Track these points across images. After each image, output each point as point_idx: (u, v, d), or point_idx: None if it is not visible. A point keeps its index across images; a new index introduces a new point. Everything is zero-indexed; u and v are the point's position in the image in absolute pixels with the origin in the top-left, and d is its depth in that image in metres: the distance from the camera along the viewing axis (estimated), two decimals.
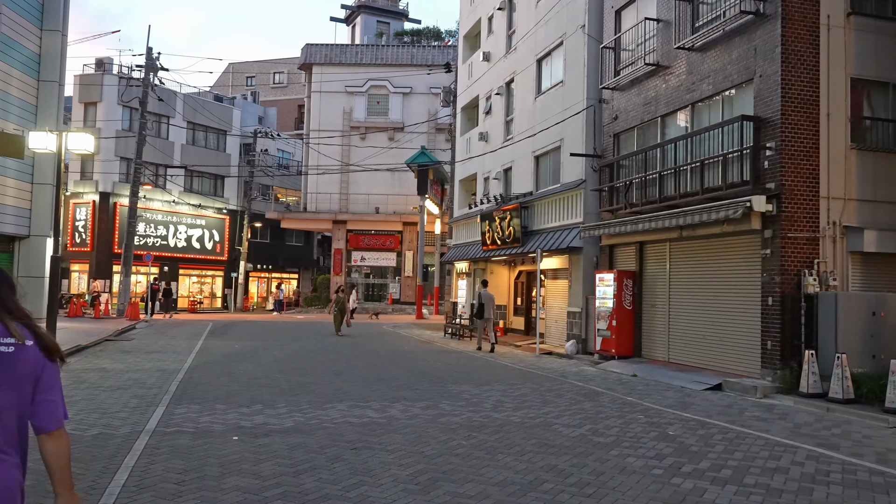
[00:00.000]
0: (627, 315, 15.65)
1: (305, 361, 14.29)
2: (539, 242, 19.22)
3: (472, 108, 28.17)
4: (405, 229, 40.59)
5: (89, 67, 40.64)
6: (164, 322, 27.15)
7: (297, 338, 20.88)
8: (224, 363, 13.62)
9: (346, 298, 23.11)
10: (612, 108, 17.00)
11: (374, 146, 40.09)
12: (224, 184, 44.77)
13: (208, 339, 19.42)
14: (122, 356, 14.56)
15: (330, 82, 41.47)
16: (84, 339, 17.73)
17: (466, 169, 27.19)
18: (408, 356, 16.22)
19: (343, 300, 22.45)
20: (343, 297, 22.55)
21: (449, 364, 14.65)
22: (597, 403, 9.84)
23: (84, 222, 38.46)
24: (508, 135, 23.22)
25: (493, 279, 24.22)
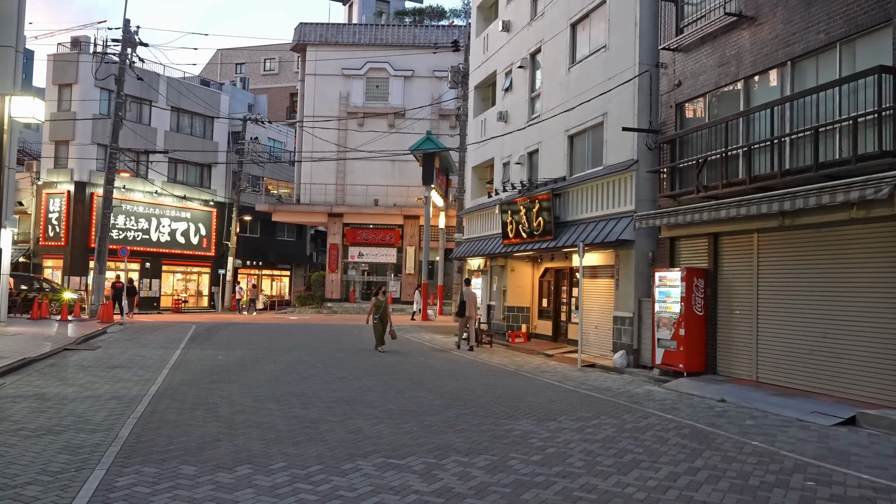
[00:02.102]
0: (698, 323, 12.84)
1: (305, 381, 11.39)
2: (577, 235, 16.39)
3: (487, 87, 25.29)
4: (406, 223, 37.69)
5: (64, 47, 37.54)
6: (140, 325, 24.13)
7: (292, 345, 17.97)
8: (202, 385, 10.70)
9: (388, 302, 18.07)
10: (673, 74, 14.16)
11: (374, 130, 37.15)
12: (211, 174, 41.74)
13: (188, 348, 16.48)
14: (74, 374, 11.61)
15: (325, 64, 38.47)
16: (36, 348, 14.75)
17: (481, 154, 24.32)
18: (430, 372, 13.34)
19: (386, 304, 17.32)
20: (385, 300, 17.39)
21: (484, 384, 11.79)
22: (721, 454, 7.01)
23: (58, 214, 35.41)
24: (533, 113, 20.37)
25: (514, 277, 21.40)
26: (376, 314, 17.01)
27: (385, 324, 17.07)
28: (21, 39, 18.96)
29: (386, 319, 17.12)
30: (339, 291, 37.77)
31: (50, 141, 35.94)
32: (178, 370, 12.40)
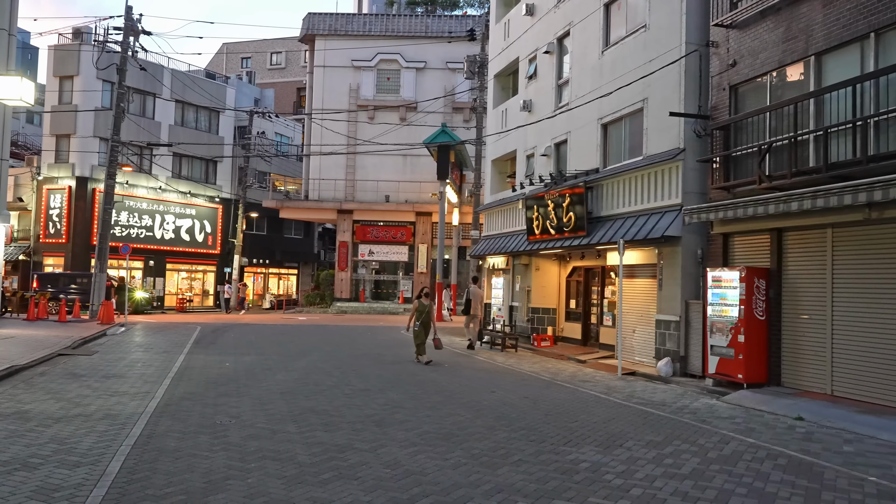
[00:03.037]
0: (759, 328, 11.52)
1: (324, 395, 10.11)
2: (615, 231, 15.08)
3: (508, 76, 23.98)
4: (418, 220, 36.41)
5: (65, 38, 36.34)
6: (143, 326, 22.90)
7: (304, 349, 16.71)
8: (207, 400, 9.43)
9: (432, 306, 15.73)
10: (726, 53, 12.83)
11: (386, 123, 35.86)
12: (216, 169, 40.53)
13: (192, 353, 15.24)
14: (65, 386, 10.37)
15: (335, 56, 37.20)
16: (27, 354, 13.53)
17: (502, 146, 23.01)
18: (459, 382, 12.06)
19: (429, 309, 15.12)
20: (429, 304, 15.23)
21: (524, 397, 10.50)
22: (844, 498, 5.72)
23: (59, 210, 34.23)
24: (561, 101, 19.05)
25: (539, 277, 20.10)
26: (418, 319, 14.80)
27: (428, 330, 14.90)
28: (14, 22, 17.74)
29: (429, 325, 14.98)
30: (348, 291, 36.52)
31: (51, 135, 34.77)
32: (180, 380, 11.14)
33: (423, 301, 15.07)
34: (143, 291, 33.60)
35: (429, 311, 14.98)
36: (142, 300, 32.16)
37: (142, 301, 32.12)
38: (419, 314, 14.83)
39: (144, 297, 32.68)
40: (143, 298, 32.54)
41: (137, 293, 32.15)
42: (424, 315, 14.84)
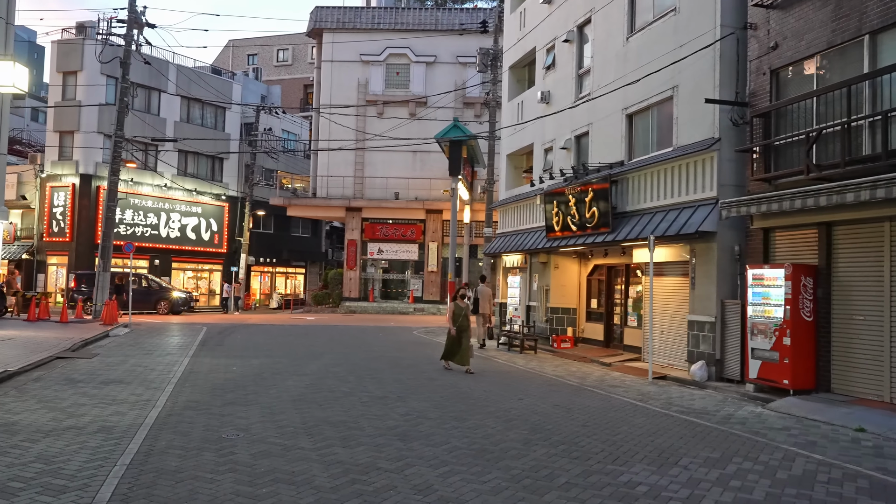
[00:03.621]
0: (807, 330, 10.69)
1: (339, 403, 9.33)
2: (642, 227, 14.26)
3: (523, 68, 23.16)
4: (429, 217, 35.61)
5: (69, 32, 35.70)
6: (147, 327, 22.19)
7: (315, 351, 15.94)
8: (213, 409, 8.66)
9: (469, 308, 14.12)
10: (766, 35, 11.98)
11: (396, 117, 35.07)
12: (223, 167, 39.86)
13: (197, 355, 14.48)
14: (59, 393, 9.61)
15: (343, 50, 36.43)
16: (23, 357, 12.79)
17: (517, 140, 22.20)
18: (482, 387, 11.27)
19: (467, 311, 13.63)
20: (467, 306, 13.78)
21: (555, 405, 9.70)
22: None
23: (62, 209, 33.58)
24: (582, 92, 18.23)
25: (559, 275, 19.28)
26: (455, 322, 13.27)
27: (465, 336, 13.29)
28: (13, 10, 17.02)
29: (468, 330, 13.35)
30: (357, 290, 35.77)
31: (54, 131, 34.14)
32: (184, 386, 10.38)
33: (458, 303, 13.62)
34: (180, 291, 32.41)
35: (466, 313, 13.49)
36: (178, 300, 31.05)
37: (178, 300, 30.98)
38: (456, 317, 13.30)
39: (180, 297, 31.41)
40: (179, 298, 31.26)
41: (174, 293, 31.18)
42: (462, 318, 13.33)
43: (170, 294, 31.00)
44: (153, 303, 30.21)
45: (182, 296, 31.87)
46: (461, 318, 13.36)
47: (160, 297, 30.51)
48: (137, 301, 29.40)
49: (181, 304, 31.19)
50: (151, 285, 30.97)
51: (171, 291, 31.46)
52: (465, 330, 13.30)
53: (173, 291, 31.63)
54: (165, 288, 31.49)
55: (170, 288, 32.02)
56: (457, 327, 13.27)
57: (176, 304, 30.79)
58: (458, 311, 13.44)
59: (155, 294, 30.47)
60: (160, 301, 30.36)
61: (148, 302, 29.99)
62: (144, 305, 29.69)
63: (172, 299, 30.81)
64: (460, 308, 13.53)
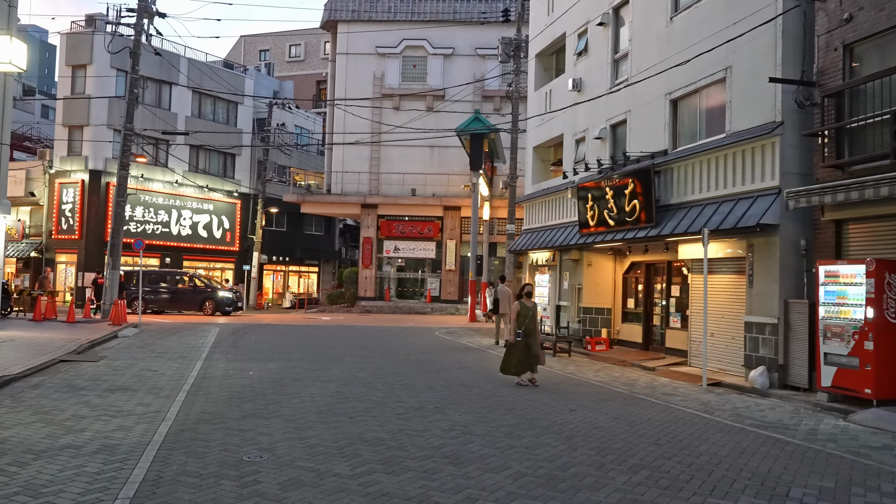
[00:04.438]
0: (892, 333, 9.54)
1: (372, 415, 8.29)
2: (691, 220, 13.15)
3: (551, 55, 22.06)
4: (447, 214, 34.52)
5: (78, 25, 34.87)
6: (158, 327, 21.24)
7: (335, 353, 14.91)
8: (230, 423, 7.64)
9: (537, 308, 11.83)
10: (838, 6, 10.83)
11: (413, 109, 33.98)
12: (235, 163, 38.94)
13: (211, 359, 13.48)
14: (59, 402, 8.61)
15: (358, 42, 35.40)
16: (24, 360, 11.82)
17: (545, 131, 21.09)
18: (526, 397, 10.20)
19: (534, 313, 11.47)
20: (534, 306, 11.61)
21: (613, 418, 8.61)
22: None
23: (71, 205, 32.71)
24: (618, 78, 17.12)
25: (592, 273, 18.18)
26: (520, 326, 11.12)
27: (533, 340, 11.21)
28: None
29: (535, 335, 11.27)
30: (373, 289, 34.74)
31: (63, 125, 33.28)
32: (197, 394, 9.36)
33: (525, 302, 11.44)
34: (226, 290, 30.07)
35: (533, 314, 11.36)
36: (225, 299, 28.76)
37: (223, 300, 28.61)
38: (522, 319, 11.20)
39: (227, 297, 29.07)
40: (226, 297, 28.96)
41: (220, 293, 29.08)
42: (528, 321, 11.20)
43: (216, 294, 28.77)
44: (199, 303, 28.30)
45: (228, 295, 29.46)
46: (528, 321, 11.22)
47: (206, 296, 28.40)
48: (182, 301, 28.42)
49: (227, 304, 28.77)
50: (197, 284, 29.07)
51: (218, 291, 29.21)
52: (531, 334, 11.24)
53: (219, 291, 29.35)
54: (213, 287, 29.40)
55: (217, 287, 29.89)
56: (523, 331, 11.11)
57: (221, 303, 28.46)
58: (525, 312, 11.26)
59: (201, 294, 28.50)
60: (206, 301, 28.27)
61: (193, 302, 28.34)
62: (189, 306, 28.25)
63: (217, 299, 28.54)
64: (527, 308, 11.34)
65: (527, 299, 11.60)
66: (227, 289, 30.94)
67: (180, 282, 29.30)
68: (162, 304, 28.60)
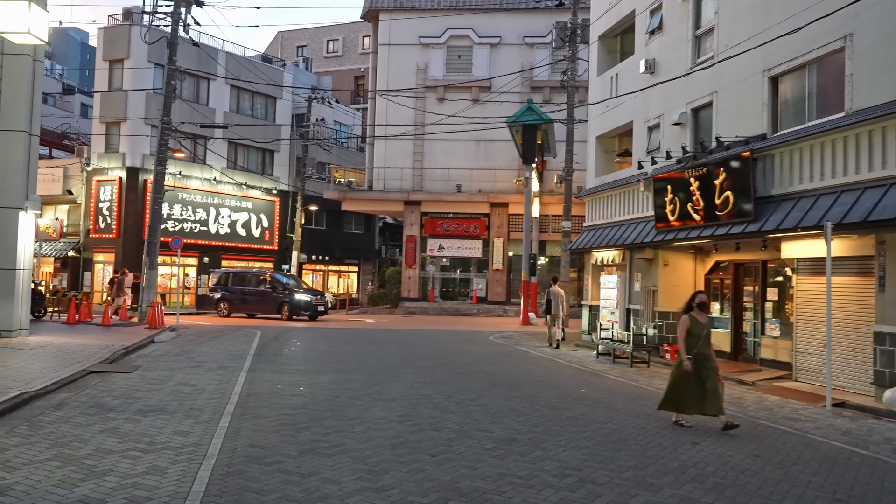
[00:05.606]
0: None
1: (457, 451, 6.79)
2: (800, 213, 11.37)
3: (615, 37, 20.35)
4: (493, 211, 32.92)
5: (115, 19, 34.09)
6: (197, 331, 20.05)
7: (389, 363, 13.45)
8: (286, 462, 6.18)
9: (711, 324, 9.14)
10: None
11: (461, 99, 32.41)
12: (273, 159, 37.87)
13: (254, 370, 12.11)
14: (82, 429, 7.26)
15: (400, 33, 34.00)
16: (50, 372, 10.56)
17: (611, 119, 19.38)
18: (629, 421, 8.58)
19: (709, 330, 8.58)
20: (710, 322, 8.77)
21: (754, 455, 6.97)
22: None
23: (109, 203, 31.88)
24: (700, 55, 15.36)
25: (668, 274, 16.45)
26: (692, 347, 8.29)
27: (708, 369, 8.23)
28: None
29: (710, 359, 8.33)
30: (416, 290, 33.29)
31: (101, 121, 32.48)
32: (243, 418, 7.94)
33: (696, 317, 8.48)
34: (304, 292, 26.91)
35: (707, 335, 8.42)
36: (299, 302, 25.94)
37: (299, 303, 25.85)
38: (694, 341, 8.33)
39: (303, 300, 26.09)
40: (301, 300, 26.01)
41: (297, 295, 26.26)
42: (702, 342, 8.33)
43: (292, 296, 25.98)
44: (277, 306, 26.12)
45: (305, 298, 26.16)
46: (701, 343, 8.32)
47: (283, 299, 26.03)
48: (262, 304, 26.51)
49: (303, 307, 25.74)
50: (276, 286, 26.68)
51: (294, 293, 26.22)
52: (706, 360, 8.27)
53: (296, 293, 26.28)
54: (289, 288, 26.52)
55: (295, 288, 26.83)
56: (696, 356, 8.24)
57: (296, 307, 25.62)
58: (698, 331, 8.38)
59: (278, 296, 26.24)
60: (283, 304, 25.93)
61: (270, 304, 26.35)
62: (269, 308, 26.35)
63: (293, 302, 25.73)
64: (699, 325, 8.42)
65: (699, 312, 8.54)
66: (308, 290, 28.15)
67: (261, 283, 27.25)
68: (243, 307, 27.13)
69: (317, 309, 26.18)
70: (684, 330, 8.43)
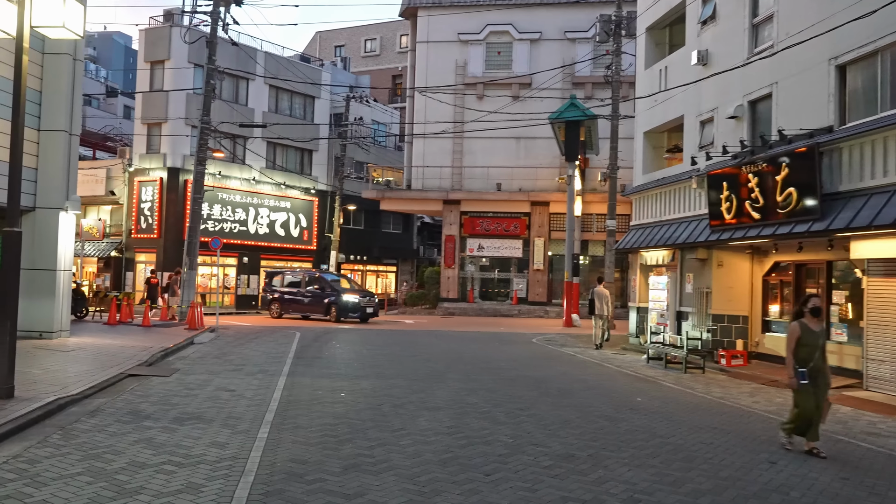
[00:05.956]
0: None
1: (512, 469, 6.29)
2: (873, 211, 10.57)
3: (664, 29, 19.58)
4: (534, 210, 32.27)
5: (156, 21, 34.34)
6: (236, 332, 19.88)
7: (433, 368, 12.98)
8: (328, 479, 5.75)
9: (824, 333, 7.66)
10: None
11: (502, 95, 31.84)
12: (312, 159, 37.79)
13: (294, 374, 11.75)
14: (116, 438, 6.94)
15: (439, 30, 33.54)
16: (88, 375, 10.33)
17: (660, 114, 18.63)
18: (694, 435, 7.96)
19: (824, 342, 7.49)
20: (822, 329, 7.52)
21: (842, 478, 6.30)
22: None
23: (150, 204, 32.09)
24: (758, 45, 14.57)
25: (722, 275, 15.68)
26: (808, 362, 7.16)
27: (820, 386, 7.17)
28: None
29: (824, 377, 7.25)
30: (455, 290, 32.82)
31: (142, 122, 32.73)
32: (283, 428, 7.54)
33: (808, 325, 7.28)
34: (352, 293, 25.75)
35: (823, 346, 7.32)
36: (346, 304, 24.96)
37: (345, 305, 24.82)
38: (806, 352, 7.18)
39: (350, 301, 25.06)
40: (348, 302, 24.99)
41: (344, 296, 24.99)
42: (819, 354, 7.22)
43: (339, 297, 24.95)
44: (326, 307, 25.35)
45: (352, 300, 24.97)
46: (817, 355, 7.20)
47: (331, 301, 25.23)
48: (308, 305, 26.01)
49: (350, 309, 24.64)
50: (324, 286, 25.92)
51: (342, 294, 25.16)
52: (820, 376, 7.19)
53: (343, 294, 25.21)
54: (336, 289, 25.59)
55: (342, 289, 25.83)
56: (810, 370, 7.12)
57: (343, 309, 24.59)
58: (811, 341, 7.21)
59: (326, 297, 25.54)
60: (332, 306, 25.12)
61: (319, 306, 25.65)
62: (316, 309, 25.73)
63: (340, 304, 24.74)
64: (812, 335, 7.24)
65: (811, 319, 7.29)
66: (357, 290, 27.04)
67: (310, 284, 26.64)
68: (295, 308, 26.73)
69: (365, 311, 25.17)
70: (794, 340, 7.23)
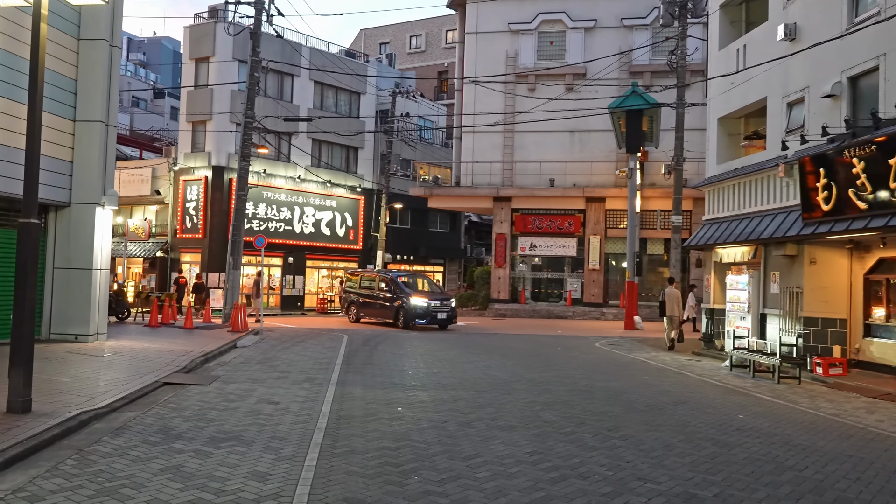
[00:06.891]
0: None
1: None
2: None
3: (740, 5, 17.95)
4: (589, 207, 30.69)
5: (201, 17, 33.87)
6: (280, 334, 18.92)
7: (496, 376, 11.71)
8: None
9: None
10: None
11: (554, 87, 30.38)
12: (357, 157, 36.88)
13: (344, 383, 10.62)
14: (141, 465, 5.85)
15: (489, 20, 32.26)
16: (120, 383, 9.36)
17: (737, 97, 17.01)
18: (824, 466, 6.54)
19: None
20: None
21: None
22: None
23: (195, 203, 31.53)
24: (858, 14, 12.92)
25: (815, 274, 14.03)
26: None
27: None
28: None
29: None
30: (506, 290, 31.46)
31: (187, 121, 32.25)
32: (334, 453, 6.36)
33: None
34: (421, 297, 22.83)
35: None
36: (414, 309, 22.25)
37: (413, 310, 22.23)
38: None
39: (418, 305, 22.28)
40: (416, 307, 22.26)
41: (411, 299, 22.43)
42: None
43: (407, 301, 22.38)
44: (393, 311, 23.07)
45: (420, 303, 22.24)
46: None
47: (398, 305, 22.83)
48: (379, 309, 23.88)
49: (419, 314, 22.06)
50: (392, 288, 23.56)
51: (409, 297, 22.53)
52: None
53: (411, 297, 22.54)
54: (402, 292, 23.04)
55: (409, 291, 23.15)
56: None
57: (410, 314, 22.07)
58: None
59: (395, 300, 23.09)
60: (399, 310, 22.68)
61: (388, 310, 23.41)
62: (385, 314, 23.56)
63: (406, 308, 22.26)
64: None
65: None
66: (427, 292, 23.94)
67: (380, 285, 24.45)
68: (366, 312, 24.76)
69: (436, 316, 22.30)
70: None
